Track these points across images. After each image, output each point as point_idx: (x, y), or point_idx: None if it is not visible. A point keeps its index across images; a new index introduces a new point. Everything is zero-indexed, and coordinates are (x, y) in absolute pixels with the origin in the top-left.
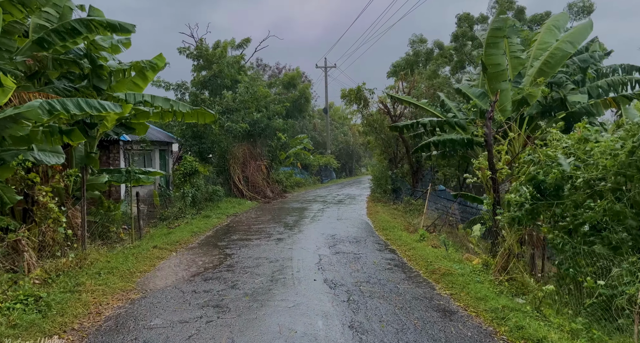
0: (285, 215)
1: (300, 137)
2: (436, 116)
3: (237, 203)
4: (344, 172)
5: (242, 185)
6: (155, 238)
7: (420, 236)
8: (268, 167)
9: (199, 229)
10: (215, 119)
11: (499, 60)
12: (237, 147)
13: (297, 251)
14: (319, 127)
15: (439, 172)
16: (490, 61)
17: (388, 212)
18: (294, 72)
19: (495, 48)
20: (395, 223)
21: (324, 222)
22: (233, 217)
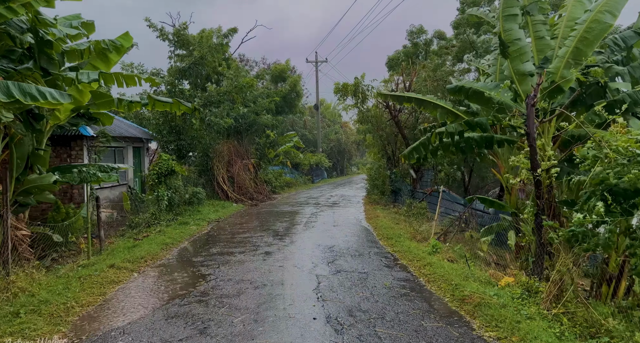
0: (274, 221)
1: (290, 134)
2: (449, 110)
3: (221, 207)
4: (334, 171)
5: (227, 186)
6: (116, 253)
7: (433, 247)
8: (256, 166)
9: (172, 240)
10: (193, 109)
11: (519, 34)
12: (221, 144)
13: (289, 271)
14: (309, 124)
15: (442, 172)
16: (510, 37)
17: (389, 216)
18: (284, 65)
19: (514, 22)
20: (400, 231)
21: (319, 229)
22: (215, 223)
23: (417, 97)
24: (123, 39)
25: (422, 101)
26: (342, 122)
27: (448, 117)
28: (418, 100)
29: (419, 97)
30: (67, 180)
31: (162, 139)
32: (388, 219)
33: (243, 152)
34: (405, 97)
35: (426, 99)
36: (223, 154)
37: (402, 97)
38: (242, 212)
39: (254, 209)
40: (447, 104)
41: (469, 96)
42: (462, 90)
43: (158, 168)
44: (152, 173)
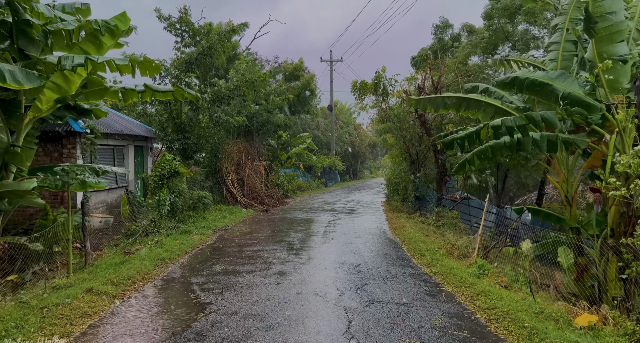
0: (288, 230)
1: (304, 135)
2: (499, 109)
3: (229, 212)
4: (347, 174)
5: (236, 190)
6: (100, 270)
7: (479, 268)
8: (267, 168)
9: (170, 254)
10: (197, 99)
11: (614, 6)
12: (231, 144)
13: (309, 301)
14: (322, 126)
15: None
16: (600, 9)
17: (416, 226)
18: (297, 63)
19: None
20: (433, 245)
21: (340, 242)
22: (222, 231)
23: (459, 96)
24: (119, 20)
25: (463, 101)
26: (355, 124)
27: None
28: (459, 100)
29: (461, 95)
30: (47, 185)
31: (166, 137)
32: (416, 230)
33: (254, 153)
34: (443, 98)
35: (471, 97)
36: (232, 155)
37: (438, 100)
38: (252, 219)
39: (264, 215)
40: (495, 101)
41: (524, 89)
42: (515, 82)
43: (160, 169)
44: (153, 175)
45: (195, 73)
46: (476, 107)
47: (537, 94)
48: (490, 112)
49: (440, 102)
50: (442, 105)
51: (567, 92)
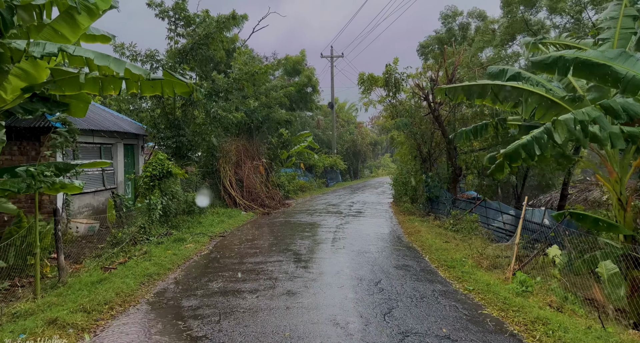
0: (292, 237)
1: (304, 133)
2: (543, 98)
3: (227, 216)
4: (347, 174)
5: (234, 191)
6: (73, 291)
7: (520, 284)
8: (267, 168)
9: (159, 268)
10: (191, 89)
11: None
12: (229, 142)
13: (329, 335)
14: (322, 124)
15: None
16: None
17: (432, 231)
18: (298, 56)
19: None
20: (457, 253)
21: (353, 251)
22: (219, 238)
23: (498, 84)
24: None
25: (502, 89)
26: (356, 122)
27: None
28: (497, 88)
29: (501, 83)
30: (9, 187)
31: (159, 134)
32: (433, 235)
33: (253, 151)
34: (482, 86)
35: (512, 84)
36: (231, 154)
37: (473, 88)
38: (253, 223)
39: (266, 219)
40: (539, 89)
41: (571, 71)
42: (558, 63)
43: (151, 169)
44: (143, 176)
45: (191, 65)
46: (516, 96)
47: (589, 76)
48: (532, 103)
49: (475, 90)
50: (478, 93)
51: (631, 75)
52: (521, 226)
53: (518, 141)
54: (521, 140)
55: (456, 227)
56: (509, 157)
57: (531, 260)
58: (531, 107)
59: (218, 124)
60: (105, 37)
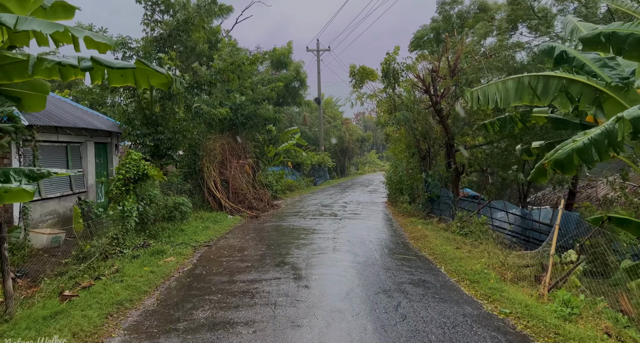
0: (287, 245)
1: (292, 130)
2: (586, 86)
3: (213, 221)
4: (334, 172)
5: (220, 193)
6: (18, 330)
7: (564, 304)
8: (254, 166)
9: (133, 292)
10: (170, 80)
11: None
12: (213, 140)
13: None
14: (309, 120)
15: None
16: None
17: (439, 235)
18: (285, 48)
19: None
20: (474, 262)
21: (358, 263)
22: (205, 249)
23: (536, 75)
24: None
25: (539, 82)
26: (343, 118)
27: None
28: (535, 80)
29: (538, 74)
30: None
31: (134, 131)
32: (441, 241)
33: (239, 150)
34: (515, 82)
35: (551, 74)
36: (215, 153)
37: (507, 84)
38: (241, 229)
39: (255, 223)
40: (580, 77)
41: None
42: (611, 39)
43: (125, 171)
44: (116, 179)
45: (170, 55)
46: (555, 89)
47: None
48: (574, 93)
49: (510, 88)
50: (513, 91)
51: None
52: (557, 233)
53: (570, 145)
54: (574, 143)
55: (464, 230)
56: (561, 165)
57: (569, 274)
58: (572, 100)
59: (201, 120)
60: (65, 10)
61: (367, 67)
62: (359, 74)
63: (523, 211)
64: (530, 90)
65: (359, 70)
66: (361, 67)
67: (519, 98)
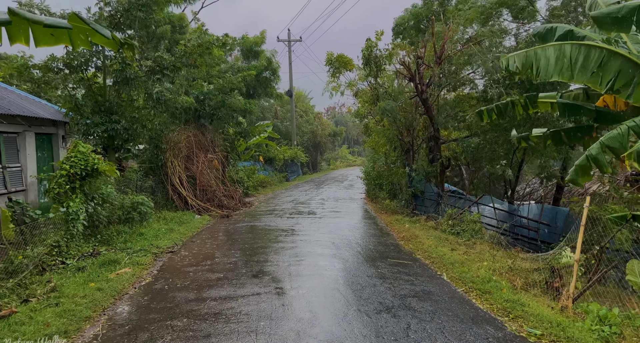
0: (264, 250)
1: (264, 124)
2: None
3: (178, 222)
4: (306, 167)
5: (186, 190)
6: None
7: (600, 321)
8: (223, 161)
9: (69, 320)
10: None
11: None
12: (178, 132)
13: None
14: (280, 114)
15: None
16: None
17: (429, 234)
18: (257, 37)
19: None
20: (477, 267)
21: (349, 271)
22: (168, 256)
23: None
24: None
25: (581, 52)
26: (315, 113)
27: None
28: (574, 51)
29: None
30: None
31: (82, 120)
32: (434, 241)
33: (207, 143)
34: (556, 49)
35: (591, 43)
36: (180, 146)
37: (548, 51)
38: (210, 231)
39: (226, 224)
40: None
41: None
42: (636, 14)
43: (69, 166)
44: (58, 176)
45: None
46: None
47: None
48: (610, 71)
49: (551, 55)
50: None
51: None
52: (582, 233)
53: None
54: None
55: (455, 228)
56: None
57: (595, 282)
58: (609, 76)
59: (163, 108)
60: None
61: (344, 56)
62: (336, 61)
63: (510, 207)
64: (569, 63)
65: (337, 58)
66: (339, 55)
67: (558, 72)
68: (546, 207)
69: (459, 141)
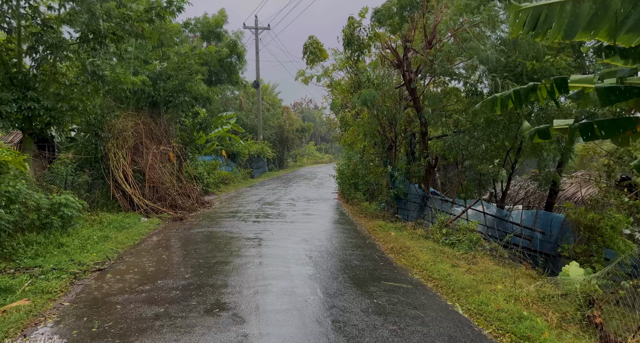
0: (222, 266)
1: (226, 115)
2: None
3: (117, 227)
4: (272, 163)
5: (131, 187)
6: None
7: None
8: (180, 155)
9: None
10: None
11: None
12: (124, 118)
13: None
14: (245, 106)
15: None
16: None
17: (421, 245)
18: (217, 16)
19: None
20: (493, 291)
21: (335, 307)
22: (93, 277)
23: None
24: None
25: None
26: (282, 107)
27: None
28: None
29: None
30: None
31: None
32: (428, 255)
33: (160, 133)
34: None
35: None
36: (126, 135)
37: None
38: (158, 239)
39: (178, 229)
40: None
41: None
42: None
43: None
44: None
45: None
46: None
47: None
48: None
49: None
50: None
51: None
52: None
53: None
54: None
55: (450, 238)
56: None
57: None
58: None
59: (101, 87)
60: None
61: (318, 41)
62: (311, 45)
63: (501, 212)
64: (614, 17)
65: (312, 43)
66: (313, 40)
67: (591, 28)
68: (540, 213)
69: (449, 137)
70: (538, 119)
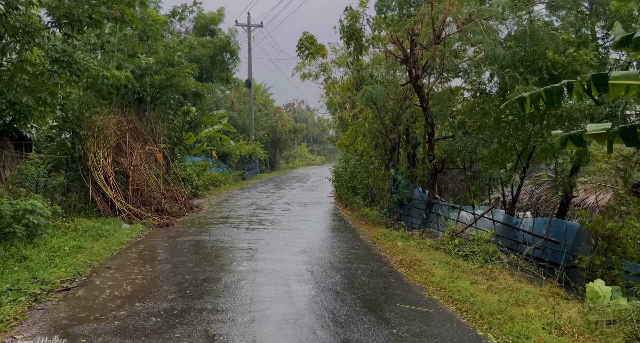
0: (212, 283)
1: (217, 114)
2: None
3: (94, 235)
4: (264, 165)
5: (112, 190)
6: None
7: None
8: (168, 155)
9: None
10: None
11: None
12: (106, 115)
13: None
14: (237, 105)
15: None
16: None
17: (433, 258)
18: (214, 14)
19: None
20: (525, 317)
21: (341, 334)
22: (59, 298)
23: None
24: None
25: None
26: (275, 107)
27: None
28: None
29: None
30: None
31: None
32: (443, 269)
33: (146, 132)
34: None
35: None
36: (108, 133)
37: None
38: (139, 249)
39: (164, 237)
40: None
41: None
42: None
43: None
44: None
45: None
46: None
47: None
48: None
49: None
50: None
51: None
52: None
53: None
54: None
55: (463, 250)
56: None
57: None
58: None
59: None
60: None
61: (313, 36)
62: (306, 41)
63: (511, 220)
64: None
65: (307, 39)
66: (309, 36)
67: None
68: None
69: (456, 139)
70: (550, 120)
